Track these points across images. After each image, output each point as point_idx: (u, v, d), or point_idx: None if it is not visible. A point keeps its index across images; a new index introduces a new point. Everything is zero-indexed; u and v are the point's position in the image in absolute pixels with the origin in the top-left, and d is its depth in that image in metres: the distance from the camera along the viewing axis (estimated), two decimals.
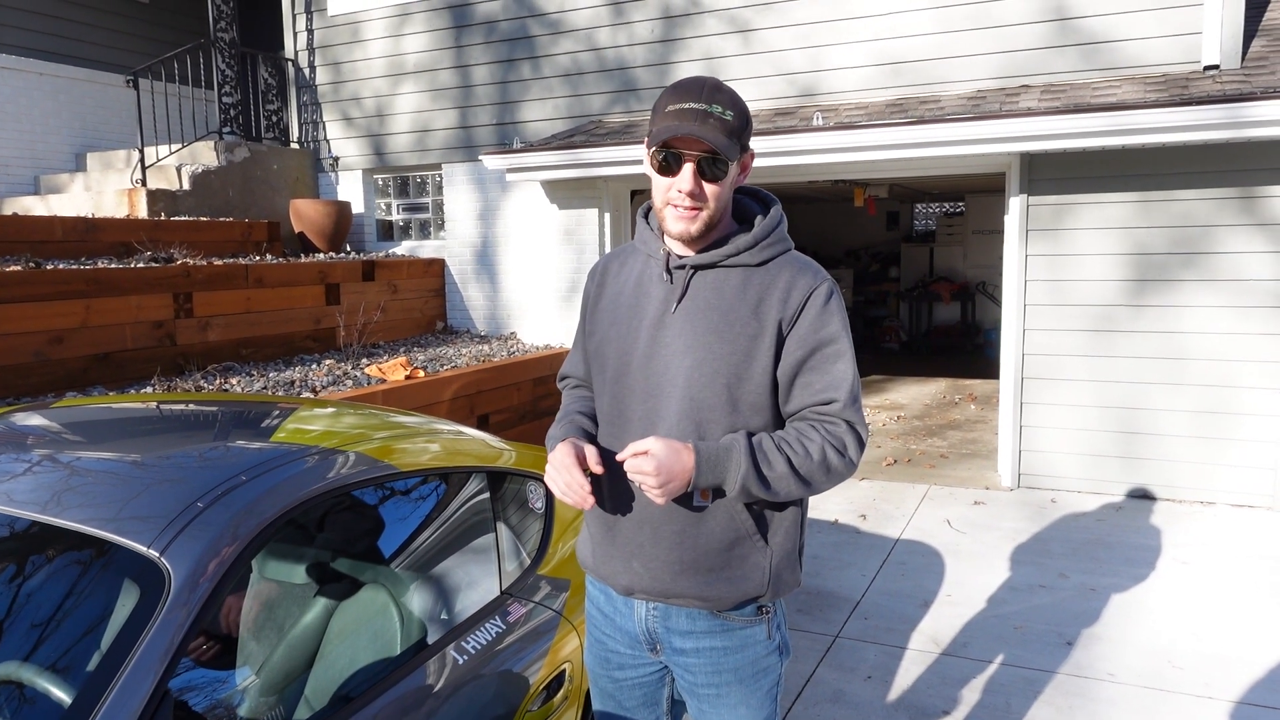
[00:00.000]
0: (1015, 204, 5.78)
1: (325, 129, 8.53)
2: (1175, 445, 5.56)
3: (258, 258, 6.95)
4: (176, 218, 7.16)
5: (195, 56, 8.44)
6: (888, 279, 13.77)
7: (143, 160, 7.50)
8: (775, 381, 1.67)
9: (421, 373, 5.94)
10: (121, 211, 7.24)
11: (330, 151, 8.53)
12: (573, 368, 1.96)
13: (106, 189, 7.75)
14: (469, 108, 7.85)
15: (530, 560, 2.41)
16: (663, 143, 1.59)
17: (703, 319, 1.66)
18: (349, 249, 8.25)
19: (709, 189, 1.61)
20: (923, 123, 5.40)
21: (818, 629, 3.91)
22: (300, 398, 4.32)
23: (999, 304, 11.50)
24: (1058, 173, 5.66)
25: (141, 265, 5.64)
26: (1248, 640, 3.73)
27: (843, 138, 5.61)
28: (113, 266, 5.45)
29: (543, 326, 7.72)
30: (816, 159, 5.82)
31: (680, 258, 1.70)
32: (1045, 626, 3.89)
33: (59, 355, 4.99)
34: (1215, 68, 5.47)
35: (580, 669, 2.27)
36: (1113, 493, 5.73)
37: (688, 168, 1.60)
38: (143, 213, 7.16)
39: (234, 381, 5.40)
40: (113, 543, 1.66)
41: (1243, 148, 5.23)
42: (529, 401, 6.74)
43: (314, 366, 6.07)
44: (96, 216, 6.66)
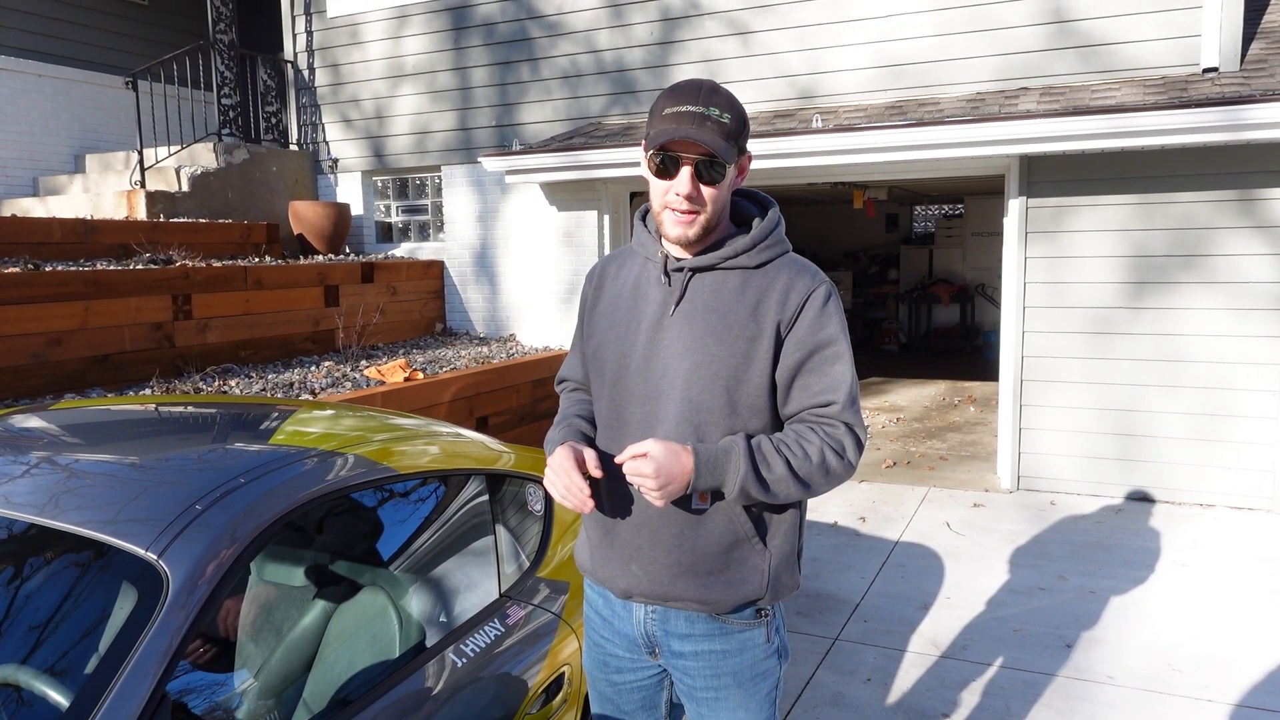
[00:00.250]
0: (1014, 206, 5.79)
1: (324, 131, 8.53)
2: (1174, 448, 5.56)
3: (257, 259, 6.95)
4: (175, 219, 7.16)
5: (194, 58, 8.45)
6: (887, 281, 13.78)
7: (142, 162, 7.50)
8: (774, 384, 1.67)
9: (420, 375, 5.94)
10: (120, 213, 7.23)
11: (329, 153, 8.53)
12: (570, 370, 1.96)
13: (105, 191, 7.76)
14: (468, 109, 7.85)
15: (529, 563, 2.41)
16: (660, 146, 1.59)
17: (701, 321, 1.66)
18: (348, 251, 8.25)
19: (706, 192, 1.61)
20: (922, 125, 5.40)
21: (817, 631, 3.91)
22: (299, 400, 4.31)
23: (998, 306, 11.51)
24: (1057, 175, 5.66)
25: (140, 267, 5.64)
26: (1247, 643, 3.73)
27: (842, 140, 5.62)
28: (111, 268, 5.45)
29: (542, 328, 7.72)
30: (815, 161, 5.82)
31: (678, 260, 1.70)
32: (1044, 629, 3.89)
33: (57, 357, 4.98)
34: (1214, 70, 5.47)
35: (579, 672, 2.27)
36: (1112, 495, 5.73)
37: (685, 171, 1.59)
38: (142, 214, 7.16)
39: (233, 383, 5.40)
40: (111, 545, 1.66)
41: (1242, 150, 5.23)
42: (528, 403, 6.74)
43: (313, 368, 6.07)
44: (95, 218, 6.66)
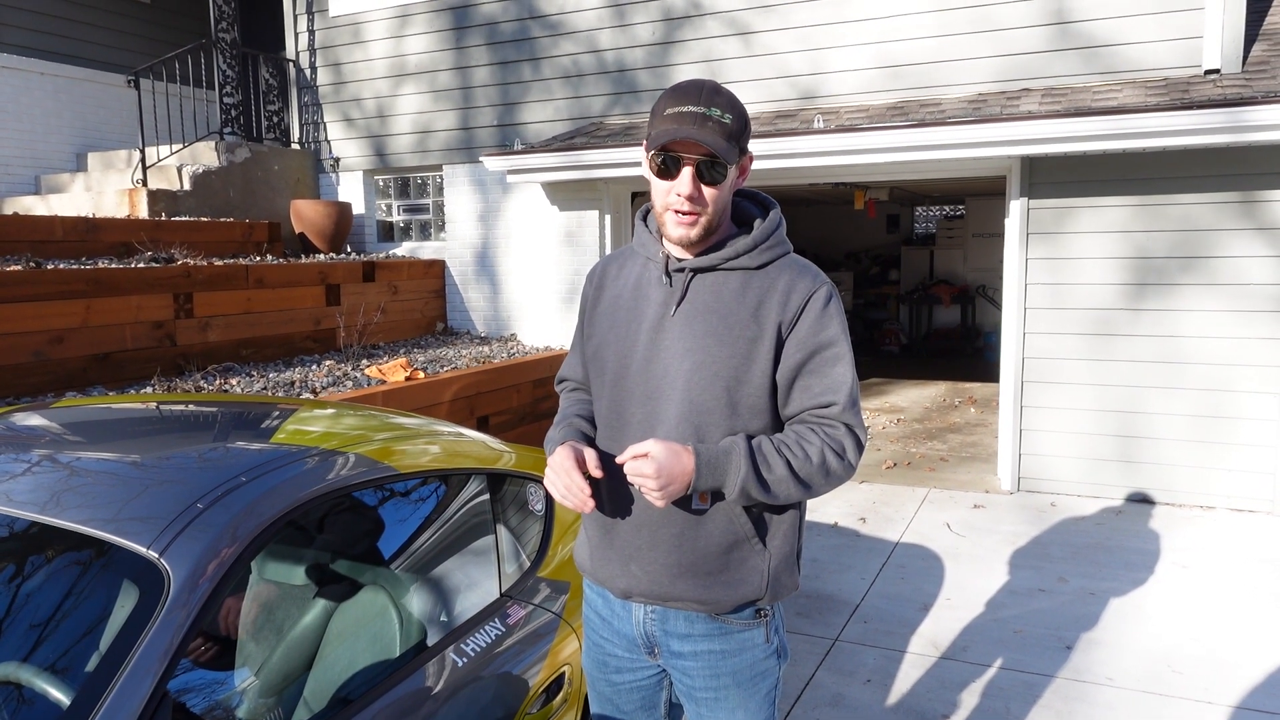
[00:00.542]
0: (1016, 207, 5.78)
1: (326, 130, 8.53)
2: (1175, 449, 5.56)
3: (258, 258, 6.95)
4: (177, 218, 7.16)
5: (196, 57, 8.45)
6: (887, 282, 13.77)
7: (144, 160, 7.50)
8: (774, 384, 1.67)
9: (421, 374, 5.94)
10: (122, 211, 7.24)
11: (331, 152, 8.53)
12: (571, 370, 1.96)
13: (107, 189, 7.76)
14: (470, 109, 7.85)
15: (530, 562, 2.41)
16: (661, 146, 1.59)
17: (702, 322, 1.66)
18: (349, 250, 8.25)
19: (708, 192, 1.61)
20: (923, 125, 5.40)
21: (817, 632, 3.91)
22: (300, 399, 4.31)
23: (999, 307, 11.50)
24: (1058, 176, 5.66)
25: (142, 265, 5.64)
26: (1248, 645, 3.73)
27: (843, 140, 5.62)
28: (113, 266, 5.45)
29: (543, 328, 7.72)
30: (817, 161, 5.82)
31: (679, 261, 1.70)
32: (1045, 630, 3.89)
33: (59, 355, 4.99)
34: (1216, 72, 5.47)
35: (579, 672, 2.27)
36: (1112, 496, 5.73)
37: (686, 171, 1.60)
38: (143, 213, 7.17)
39: (234, 382, 5.40)
40: (112, 543, 1.66)
41: (1243, 152, 5.23)
42: (529, 403, 6.74)
43: (314, 367, 6.07)
44: (97, 216, 6.66)
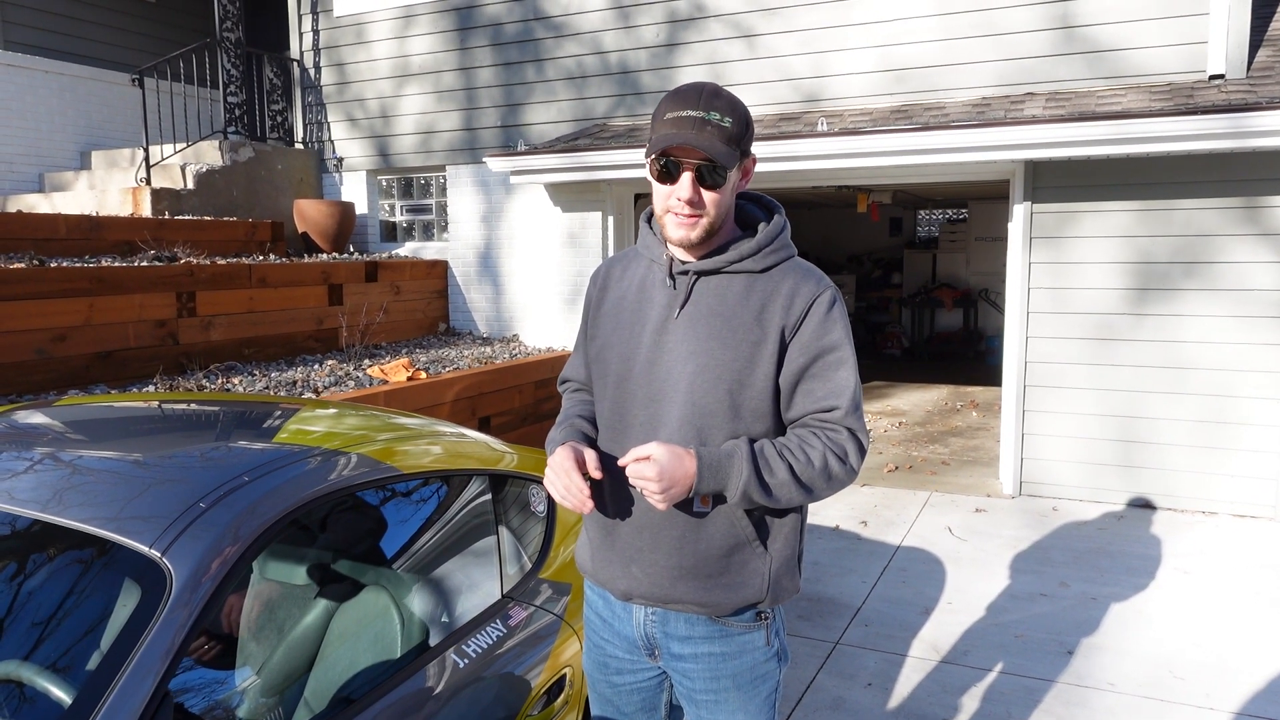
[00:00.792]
0: (1019, 211, 5.78)
1: (330, 129, 8.54)
2: (1177, 454, 5.55)
3: (261, 257, 6.96)
4: (180, 217, 7.17)
5: (201, 56, 8.46)
6: (890, 285, 13.77)
7: (147, 159, 7.51)
8: (777, 388, 1.67)
9: (424, 374, 5.94)
10: (126, 210, 7.25)
11: (334, 152, 8.54)
12: (574, 371, 1.96)
13: (111, 187, 7.77)
14: (474, 109, 7.86)
15: (531, 564, 2.41)
16: (661, 151, 1.60)
17: (705, 325, 1.66)
18: (352, 250, 8.26)
19: (708, 196, 1.61)
20: (927, 129, 5.40)
21: (818, 635, 3.91)
22: (302, 398, 4.31)
23: (1001, 311, 11.50)
24: (1062, 180, 5.65)
25: (145, 264, 5.65)
26: (1249, 650, 3.72)
27: (847, 143, 5.62)
28: (116, 265, 5.46)
29: (545, 329, 7.72)
30: (820, 164, 5.82)
31: (683, 263, 1.70)
32: (1046, 635, 3.88)
33: (62, 353, 4.99)
34: (1220, 77, 5.47)
35: (581, 674, 2.27)
36: (1114, 501, 5.73)
37: (686, 176, 1.60)
38: (147, 211, 7.18)
39: (236, 381, 5.40)
40: (114, 542, 1.66)
41: (1247, 158, 5.23)
42: (531, 404, 6.74)
43: (316, 367, 6.07)
44: (100, 215, 6.67)
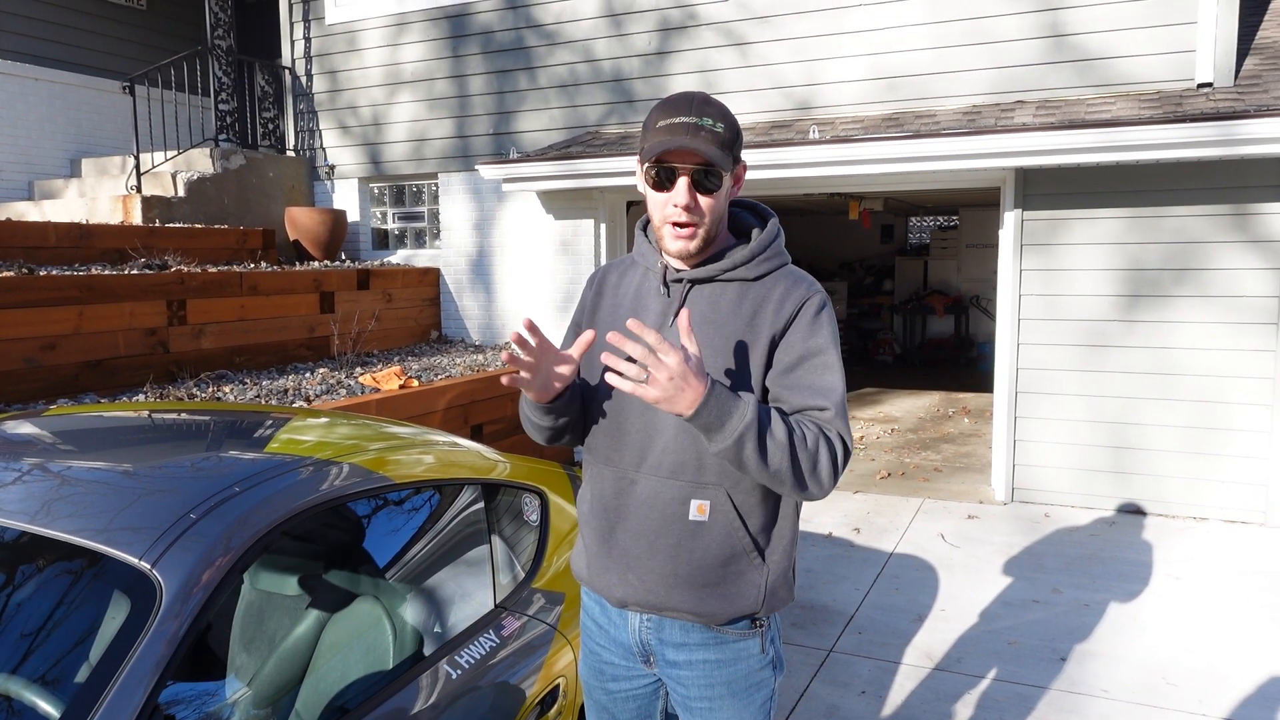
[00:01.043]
0: (1010, 218, 5.80)
1: (321, 137, 8.53)
2: (1168, 461, 5.57)
3: (252, 265, 6.93)
4: (171, 225, 7.14)
5: (192, 63, 8.44)
6: (881, 292, 13.80)
7: (138, 167, 7.49)
8: (768, 395, 1.67)
9: (415, 382, 5.92)
10: (116, 218, 7.22)
11: (326, 160, 8.53)
12: None
13: (101, 195, 7.74)
14: (466, 117, 7.86)
15: (525, 573, 2.40)
16: (655, 158, 1.59)
17: (699, 332, 1.66)
18: (344, 257, 8.24)
19: (704, 202, 1.61)
20: (918, 137, 5.42)
21: (811, 643, 3.90)
22: (294, 407, 4.29)
23: (992, 317, 11.54)
24: (1052, 188, 5.68)
25: (135, 272, 5.62)
26: (1241, 656, 3.73)
27: (838, 151, 5.63)
28: (106, 273, 5.43)
29: None
30: (812, 172, 5.83)
31: (677, 271, 1.71)
32: (1039, 641, 3.89)
33: (51, 362, 4.96)
34: (1209, 85, 5.51)
35: (574, 683, 2.26)
36: (1106, 507, 5.74)
37: (682, 182, 1.60)
38: (137, 219, 7.15)
39: (227, 389, 5.38)
40: (104, 554, 1.65)
41: (1236, 165, 5.26)
42: None
43: (308, 375, 6.05)
44: (91, 223, 6.64)
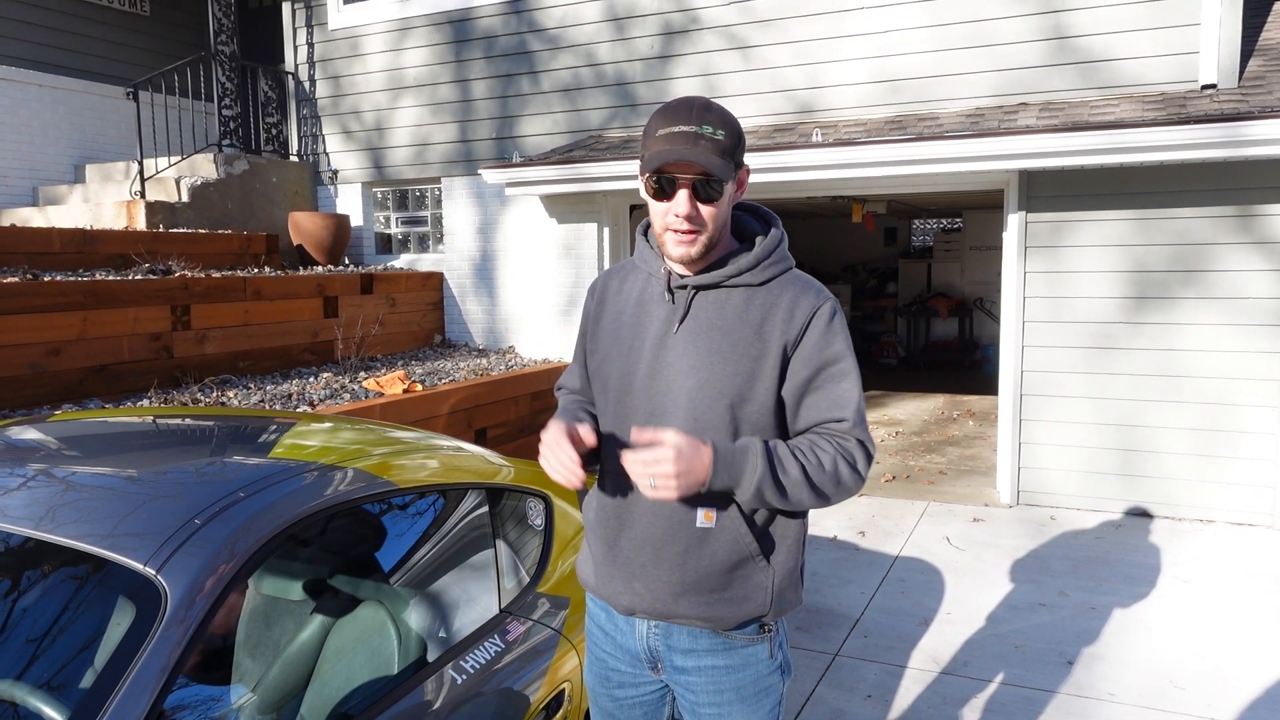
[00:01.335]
0: (1014, 221, 5.79)
1: (325, 142, 8.54)
2: (1174, 463, 5.55)
3: (256, 270, 6.94)
4: (175, 230, 7.15)
5: (195, 69, 8.46)
6: (885, 294, 13.79)
7: (142, 172, 7.50)
8: (779, 403, 1.66)
9: (419, 386, 5.92)
10: (120, 223, 7.23)
11: (329, 164, 8.54)
12: (570, 380, 1.96)
13: (105, 201, 7.75)
14: (468, 122, 7.87)
15: (530, 578, 2.39)
16: (656, 169, 1.59)
17: (705, 340, 1.66)
18: (347, 262, 8.25)
19: (705, 211, 1.61)
20: (921, 140, 5.42)
21: (817, 647, 3.89)
22: (298, 412, 4.30)
23: (996, 320, 11.52)
24: (1056, 190, 5.67)
25: (139, 277, 5.63)
26: (1249, 659, 3.71)
27: (841, 154, 5.63)
28: (110, 278, 5.44)
29: (541, 340, 7.71)
30: (815, 175, 5.83)
31: (681, 277, 1.70)
32: (1046, 645, 3.87)
33: (55, 367, 4.96)
34: (1212, 87, 5.49)
35: (580, 689, 2.25)
36: (1112, 510, 5.72)
37: (682, 192, 1.59)
38: (141, 224, 7.16)
39: (231, 394, 5.38)
40: (109, 559, 1.64)
41: (1240, 166, 5.25)
42: (527, 415, 6.72)
43: (311, 379, 6.05)
44: (95, 228, 6.65)
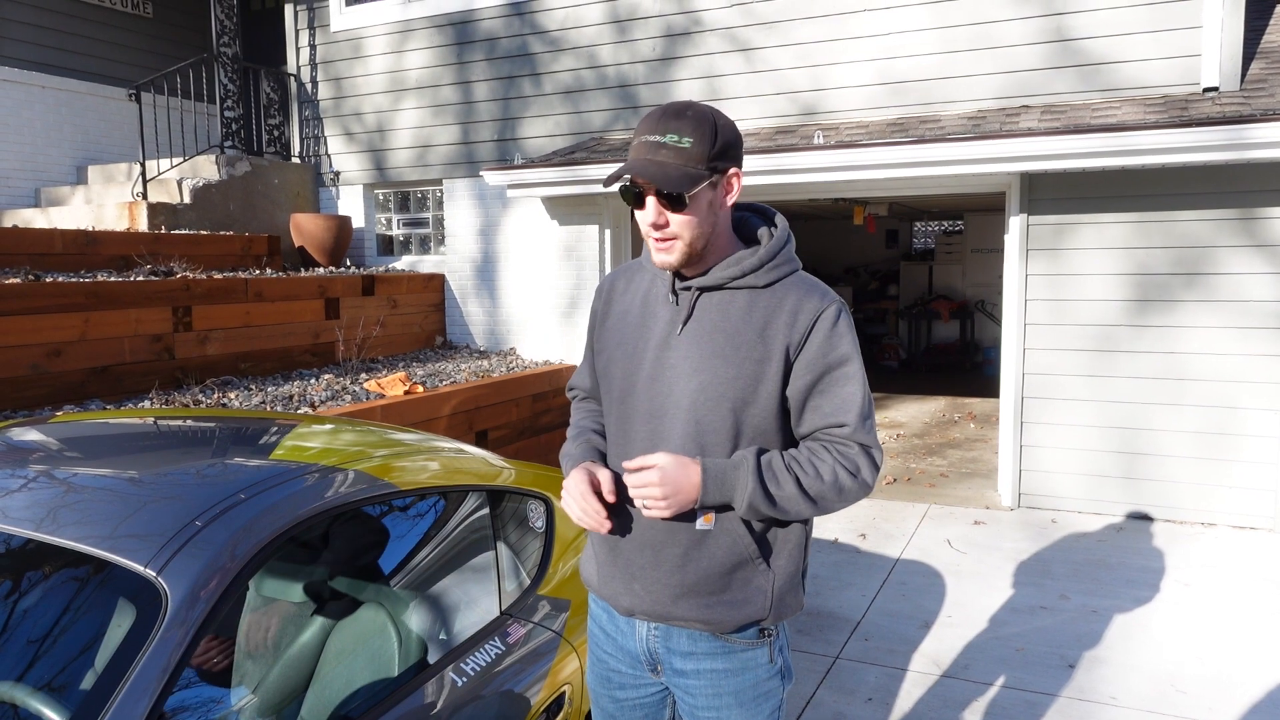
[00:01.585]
0: (1015, 223, 5.79)
1: (326, 144, 8.54)
2: (1176, 466, 5.55)
3: (257, 272, 6.95)
4: (177, 231, 7.16)
5: (198, 71, 8.47)
6: (886, 297, 13.79)
7: (144, 173, 7.51)
8: (782, 406, 1.66)
9: (420, 388, 5.92)
10: (122, 224, 7.24)
11: (331, 166, 8.54)
12: (581, 380, 1.98)
13: (107, 202, 7.76)
14: (470, 123, 7.87)
15: (530, 580, 2.39)
16: (626, 178, 1.58)
17: (709, 341, 1.65)
18: (349, 264, 8.25)
19: (676, 219, 1.59)
20: (923, 142, 5.41)
21: (818, 650, 3.89)
22: (299, 414, 4.29)
23: (998, 322, 11.51)
24: (1058, 192, 5.67)
25: (141, 278, 5.63)
26: (1251, 663, 3.70)
27: (843, 156, 5.63)
28: (112, 280, 5.44)
29: (542, 342, 7.71)
30: (817, 177, 5.83)
31: (685, 279, 1.69)
32: (1047, 648, 3.86)
33: (57, 368, 4.97)
34: (1215, 89, 5.49)
35: (580, 691, 2.25)
36: (1114, 513, 5.71)
37: (650, 201, 1.59)
38: (143, 226, 7.17)
39: (232, 396, 5.38)
40: (109, 561, 1.64)
41: (1242, 169, 5.24)
42: (528, 417, 6.72)
43: (313, 381, 6.05)
44: (97, 229, 6.66)
